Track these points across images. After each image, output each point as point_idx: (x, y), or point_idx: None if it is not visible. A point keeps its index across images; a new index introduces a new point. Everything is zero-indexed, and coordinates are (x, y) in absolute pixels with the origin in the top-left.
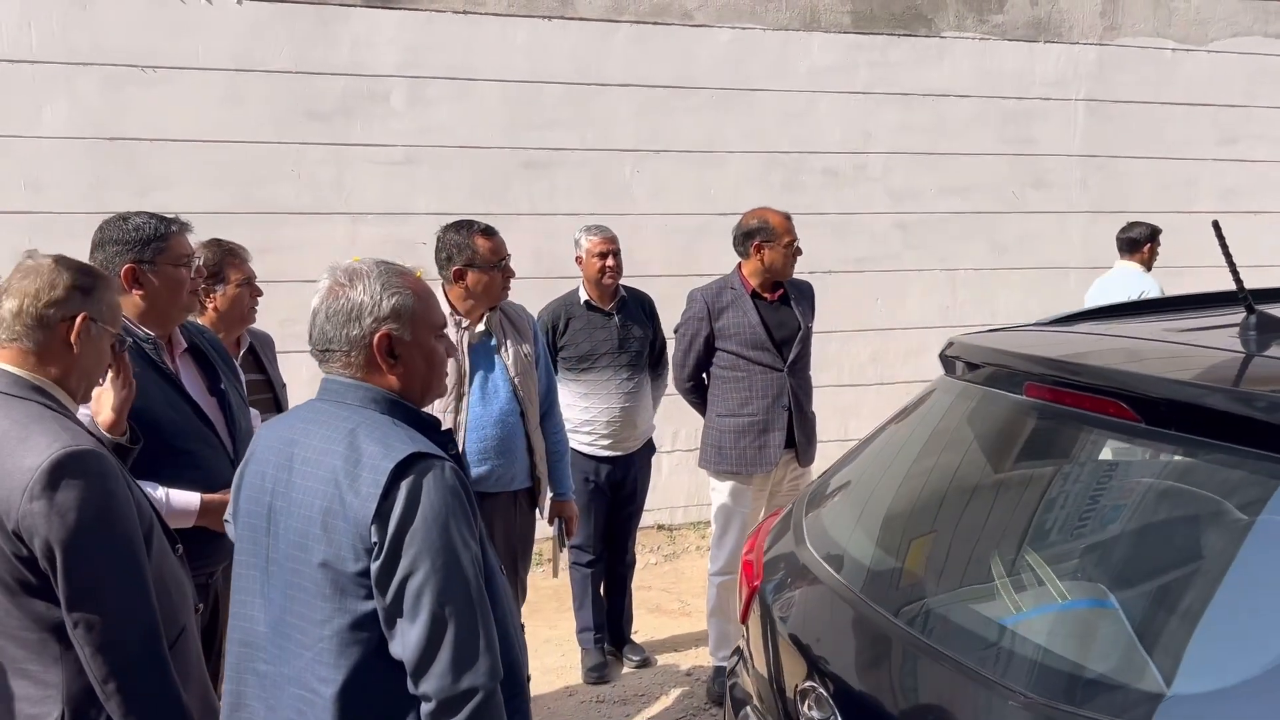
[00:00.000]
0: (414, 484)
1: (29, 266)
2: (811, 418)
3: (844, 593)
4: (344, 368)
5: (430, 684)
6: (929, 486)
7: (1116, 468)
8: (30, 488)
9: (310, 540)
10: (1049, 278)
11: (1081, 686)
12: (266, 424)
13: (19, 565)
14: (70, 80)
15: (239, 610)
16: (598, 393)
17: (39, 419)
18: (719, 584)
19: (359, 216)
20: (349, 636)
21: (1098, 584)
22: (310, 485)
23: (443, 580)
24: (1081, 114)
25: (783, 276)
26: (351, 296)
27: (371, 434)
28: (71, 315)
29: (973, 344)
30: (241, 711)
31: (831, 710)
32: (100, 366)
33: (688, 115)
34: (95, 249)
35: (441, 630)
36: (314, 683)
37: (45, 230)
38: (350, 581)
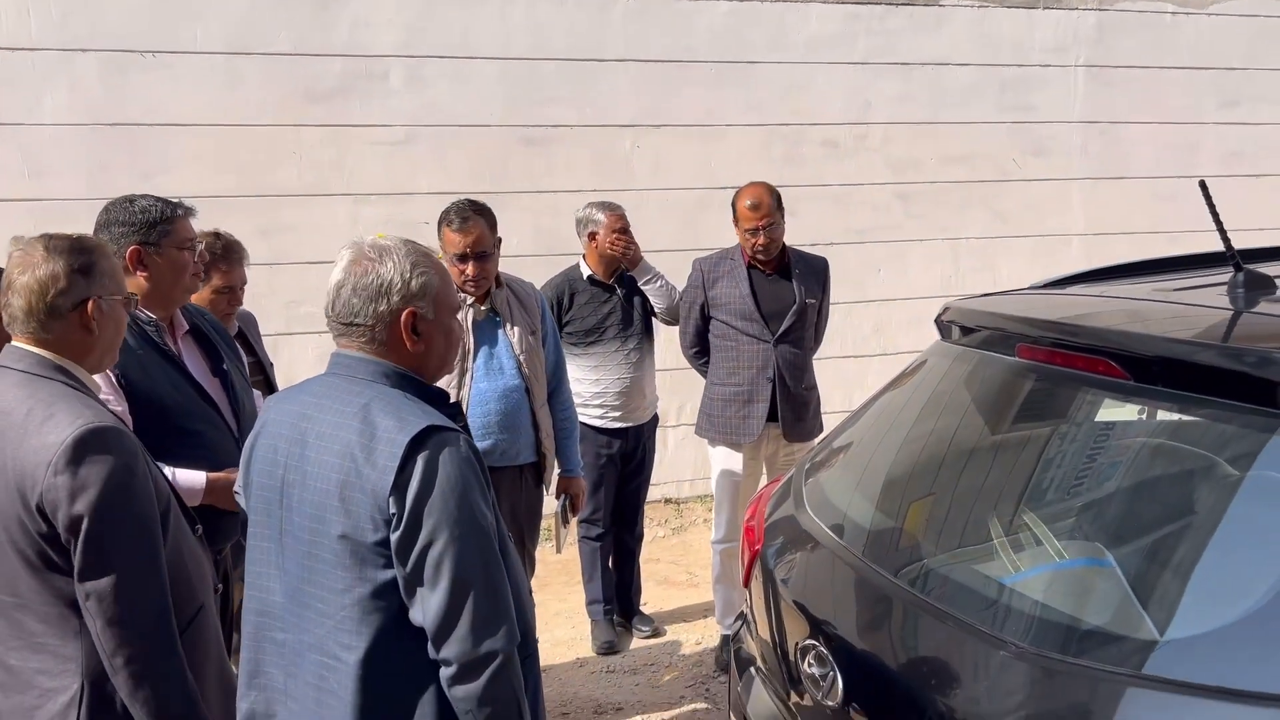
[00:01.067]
0: (430, 456)
1: (24, 259)
2: (805, 395)
3: (844, 555)
4: (367, 343)
5: (451, 649)
6: (927, 450)
7: (1111, 428)
8: (54, 462)
9: (328, 513)
10: (1051, 245)
11: (1078, 638)
12: (275, 398)
13: (40, 541)
14: (70, 66)
15: (255, 581)
16: (606, 365)
17: (63, 397)
18: (721, 551)
19: (361, 197)
20: (370, 605)
21: (1094, 542)
22: (326, 459)
23: (461, 549)
24: (1081, 80)
25: (759, 257)
26: (381, 273)
27: (385, 408)
28: (81, 300)
29: (967, 308)
30: (260, 678)
31: (831, 665)
32: (120, 332)
33: (687, 89)
34: (100, 229)
35: (461, 597)
36: (336, 649)
37: (47, 217)
38: (369, 552)
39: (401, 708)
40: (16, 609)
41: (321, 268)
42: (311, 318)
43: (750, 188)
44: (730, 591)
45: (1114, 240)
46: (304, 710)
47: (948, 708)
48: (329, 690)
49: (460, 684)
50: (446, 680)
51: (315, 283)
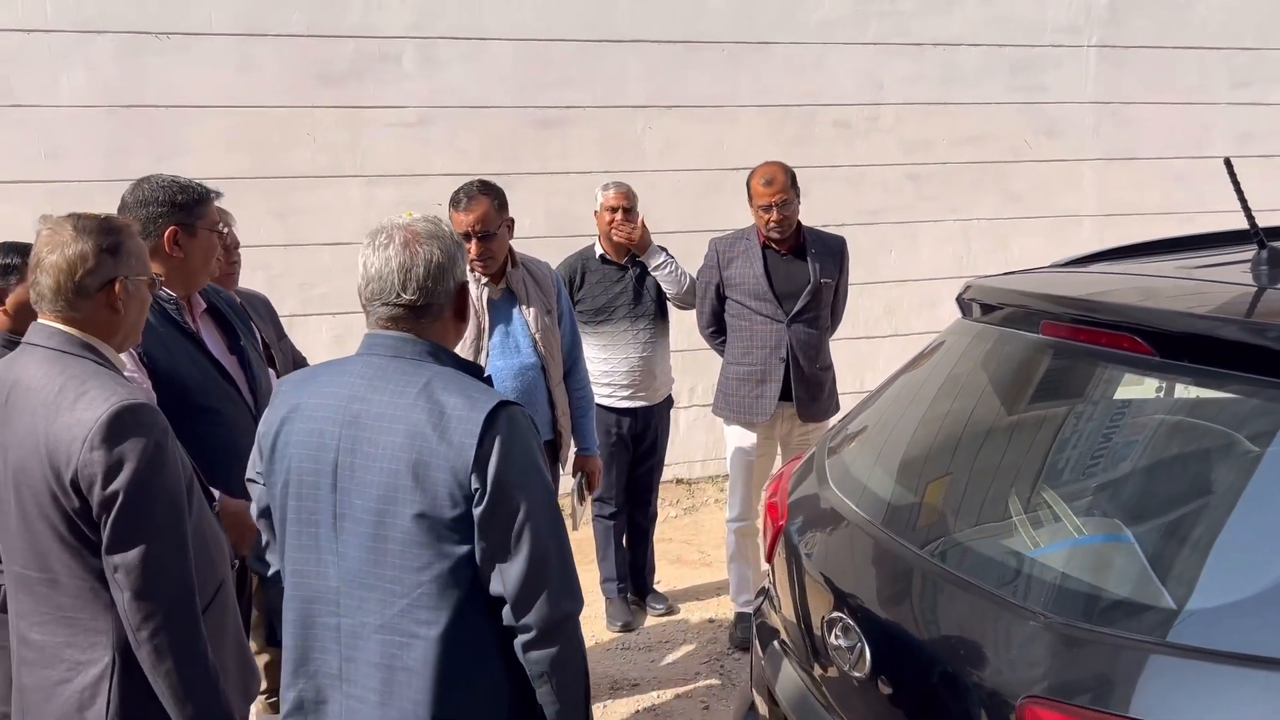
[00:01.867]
0: (505, 430)
1: (52, 238)
2: (819, 375)
3: (868, 528)
4: (433, 322)
5: (533, 615)
6: (948, 427)
7: (1130, 405)
8: (90, 438)
9: (400, 493)
10: (1063, 226)
11: (1102, 608)
12: (294, 381)
13: (73, 516)
14: (86, 48)
15: (299, 568)
16: (616, 344)
17: (94, 375)
18: (735, 530)
19: (374, 179)
20: (449, 579)
21: (1113, 519)
22: (392, 440)
23: (539, 518)
24: (1093, 60)
25: (772, 235)
26: (445, 252)
27: (446, 386)
28: (109, 280)
29: (989, 286)
30: (309, 665)
31: (858, 637)
32: (144, 312)
33: (698, 70)
34: (138, 206)
35: (542, 564)
36: (412, 627)
37: (64, 198)
38: (447, 528)
39: (475, 678)
40: (44, 584)
41: (335, 249)
42: (325, 299)
43: (765, 165)
44: (745, 570)
45: (1126, 221)
46: (365, 693)
47: (976, 675)
48: (403, 668)
49: (540, 648)
50: (524, 645)
51: (329, 264)
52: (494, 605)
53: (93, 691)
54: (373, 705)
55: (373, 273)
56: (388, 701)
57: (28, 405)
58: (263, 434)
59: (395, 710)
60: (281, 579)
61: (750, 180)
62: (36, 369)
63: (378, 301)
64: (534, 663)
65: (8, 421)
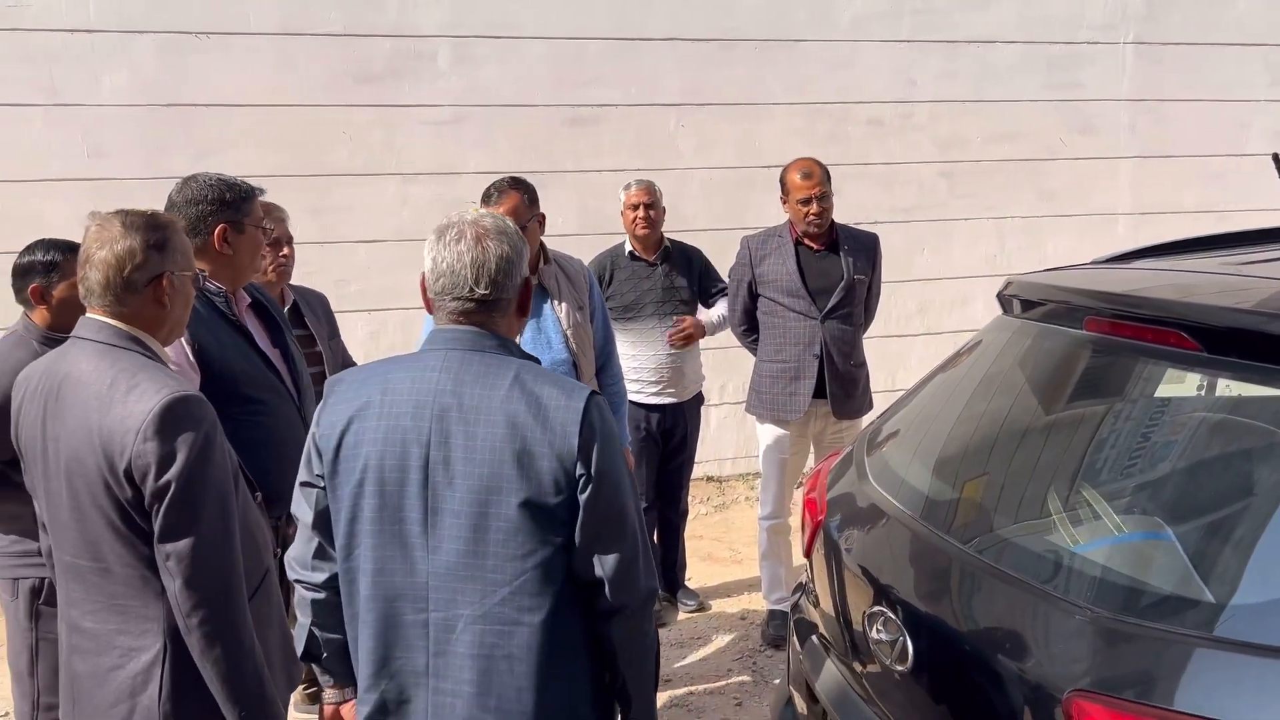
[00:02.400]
0: (599, 418)
1: (101, 234)
2: (853, 372)
3: (909, 524)
4: (503, 316)
5: (628, 594)
6: (988, 424)
7: (1172, 402)
8: (143, 429)
9: (503, 482)
10: (1097, 224)
11: (1145, 603)
12: (356, 381)
13: (126, 506)
14: (128, 48)
15: (382, 567)
16: (644, 341)
17: (144, 367)
18: (768, 528)
19: (410, 177)
20: (550, 566)
21: (1153, 517)
22: (492, 431)
23: (630, 500)
24: (1130, 57)
25: (810, 229)
26: (514, 247)
27: (535, 377)
28: (156, 275)
29: (1031, 282)
30: (390, 665)
31: (900, 631)
32: (188, 307)
33: (731, 68)
34: (186, 205)
35: (636, 544)
36: (515, 614)
37: (107, 196)
38: (549, 515)
39: (568, 663)
40: (96, 572)
41: (370, 246)
42: (361, 295)
43: (801, 160)
44: (777, 568)
45: (1161, 219)
46: (458, 686)
47: (1021, 669)
48: (504, 656)
49: (633, 625)
50: (618, 624)
51: (364, 261)
52: (580, 591)
53: (145, 677)
54: (467, 698)
55: (444, 268)
56: (485, 691)
57: (80, 398)
58: (323, 435)
59: (494, 699)
60: (337, 585)
61: (786, 175)
62: (87, 362)
63: (449, 296)
64: (625, 638)
65: (59, 414)
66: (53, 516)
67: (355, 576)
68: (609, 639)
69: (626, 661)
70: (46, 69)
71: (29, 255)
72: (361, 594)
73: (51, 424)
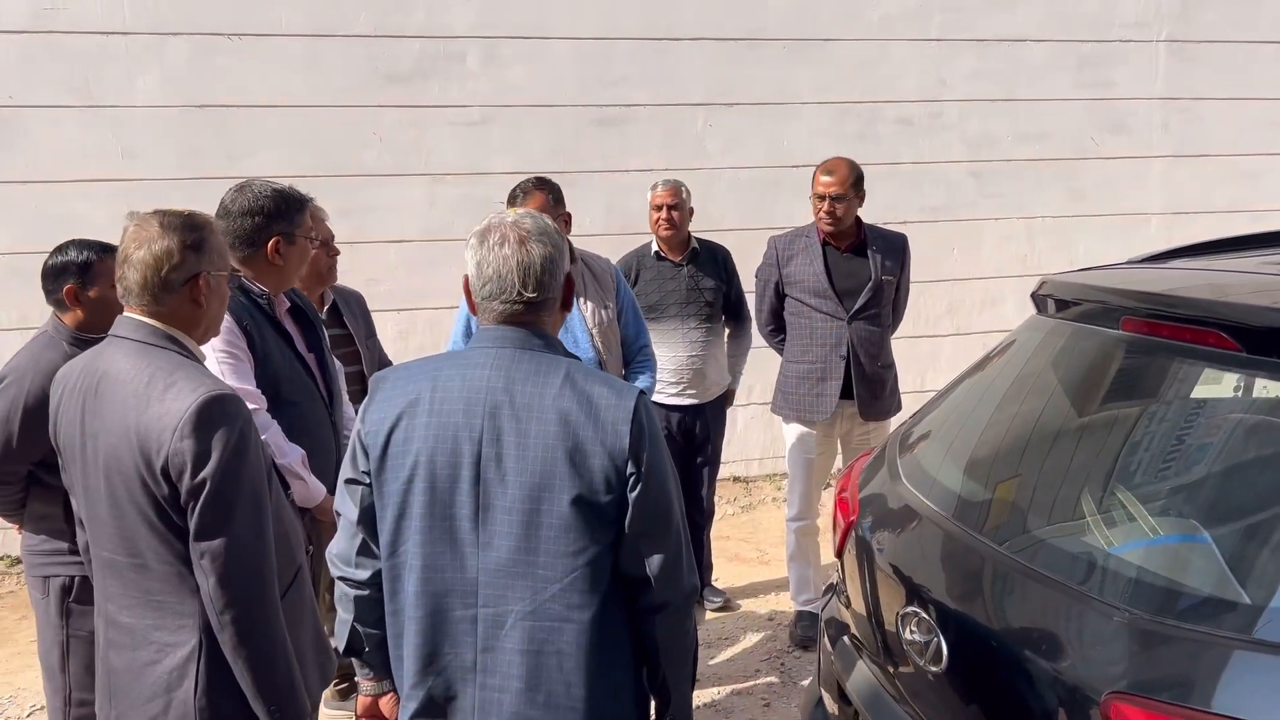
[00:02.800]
0: (647, 417)
1: (139, 234)
2: (881, 373)
3: (943, 524)
4: (549, 314)
5: (673, 591)
6: (1022, 424)
7: (1208, 403)
8: (180, 427)
9: (555, 480)
10: (1129, 224)
11: (1183, 605)
12: (402, 378)
13: (163, 503)
14: (160, 50)
15: (431, 563)
16: (666, 342)
17: (180, 366)
18: (796, 530)
19: (438, 177)
20: (601, 562)
21: (1189, 519)
22: (544, 429)
23: (675, 499)
24: (1163, 55)
25: (825, 227)
26: (556, 246)
27: (585, 375)
28: (193, 275)
29: (1067, 281)
30: (438, 662)
31: (934, 632)
32: (224, 306)
33: (759, 67)
34: (242, 215)
35: (680, 542)
36: (564, 610)
37: (139, 196)
38: (599, 512)
39: (615, 659)
40: (133, 569)
41: (399, 246)
42: (390, 295)
43: (834, 159)
44: (806, 569)
45: (1194, 219)
46: (506, 681)
47: (1057, 670)
48: (554, 652)
49: (676, 621)
50: (663, 620)
51: (393, 261)
52: (624, 589)
53: (180, 673)
54: (515, 693)
55: (490, 273)
56: (534, 686)
57: (117, 396)
58: (370, 431)
59: (543, 694)
60: (379, 581)
61: (815, 170)
62: (124, 361)
63: (496, 300)
64: (668, 635)
65: (98, 412)
66: (91, 513)
67: (401, 572)
68: (651, 636)
69: (668, 658)
70: (81, 71)
71: (61, 256)
72: (408, 589)
73: (90, 421)
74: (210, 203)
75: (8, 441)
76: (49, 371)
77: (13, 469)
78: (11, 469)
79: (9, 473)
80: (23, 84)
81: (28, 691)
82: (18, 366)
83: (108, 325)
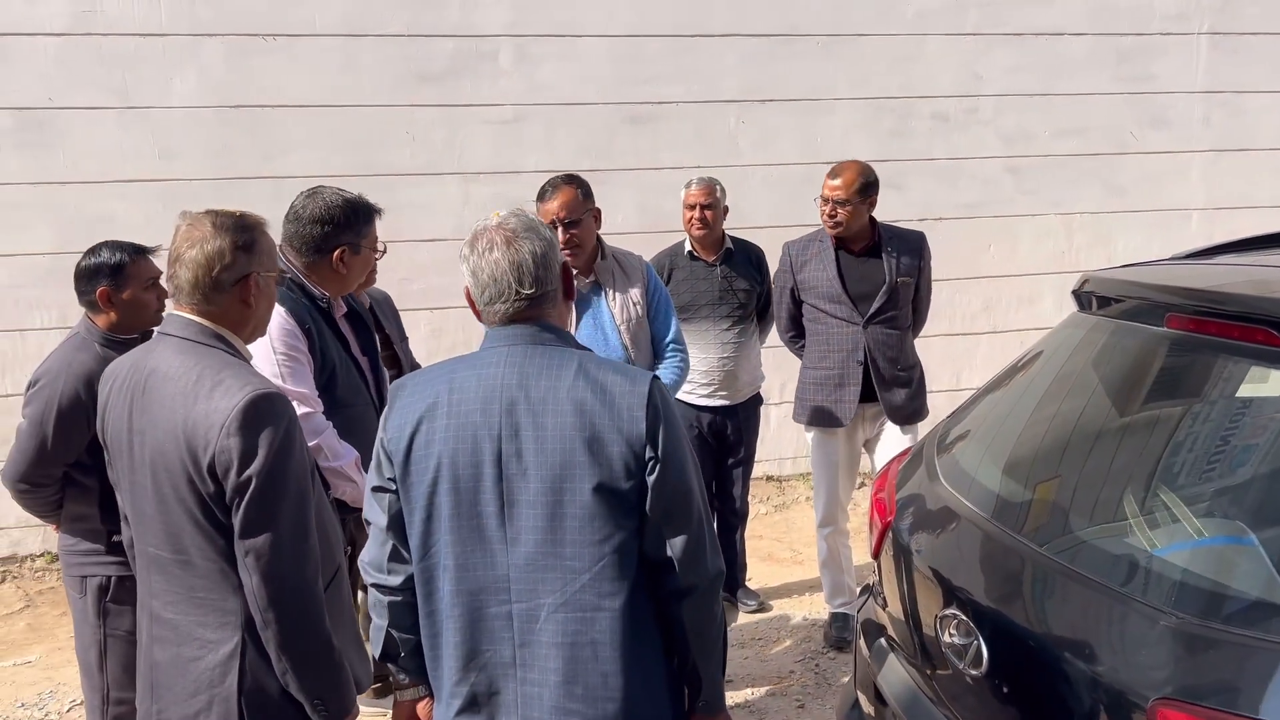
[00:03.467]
0: (662, 401)
1: (191, 234)
2: (901, 376)
3: (983, 525)
4: (552, 307)
5: (698, 574)
6: (1063, 423)
7: (1254, 402)
8: (228, 425)
9: (575, 469)
10: (1170, 220)
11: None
12: (419, 383)
13: (208, 500)
14: (197, 51)
15: (463, 562)
16: (697, 343)
17: (228, 365)
18: (824, 536)
19: (471, 176)
20: (627, 548)
21: (1235, 521)
22: (561, 420)
23: (695, 483)
24: (1204, 48)
25: (830, 231)
26: (545, 239)
27: (598, 365)
28: (243, 276)
29: (1110, 278)
30: (480, 658)
31: (974, 635)
32: (272, 306)
33: (792, 63)
34: (312, 223)
35: (702, 525)
36: (595, 600)
37: (176, 197)
38: (622, 499)
39: (645, 638)
40: (178, 565)
41: (433, 245)
42: (424, 294)
43: (843, 162)
44: (838, 574)
45: (1236, 214)
46: (544, 675)
47: (1102, 675)
48: (590, 643)
49: (704, 605)
50: (690, 605)
51: (426, 260)
52: (650, 572)
53: (224, 670)
54: (553, 686)
55: (485, 279)
56: (572, 679)
57: (165, 393)
58: (391, 439)
59: (581, 687)
60: (412, 586)
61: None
62: (173, 358)
63: (497, 303)
64: (696, 619)
65: (146, 408)
66: (137, 509)
67: (434, 574)
68: (679, 621)
69: (698, 643)
70: (119, 72)
71: (94, 258)
72: (444, 590)
73: (138, 418)
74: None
75: (43, 444)
76: (82, 374)
77: (49, 471)
78: (47, 471)
79: (45, 475)
80: (62, 86)
81: (67, 687)
82: (50, 369)
83: (140, 327)
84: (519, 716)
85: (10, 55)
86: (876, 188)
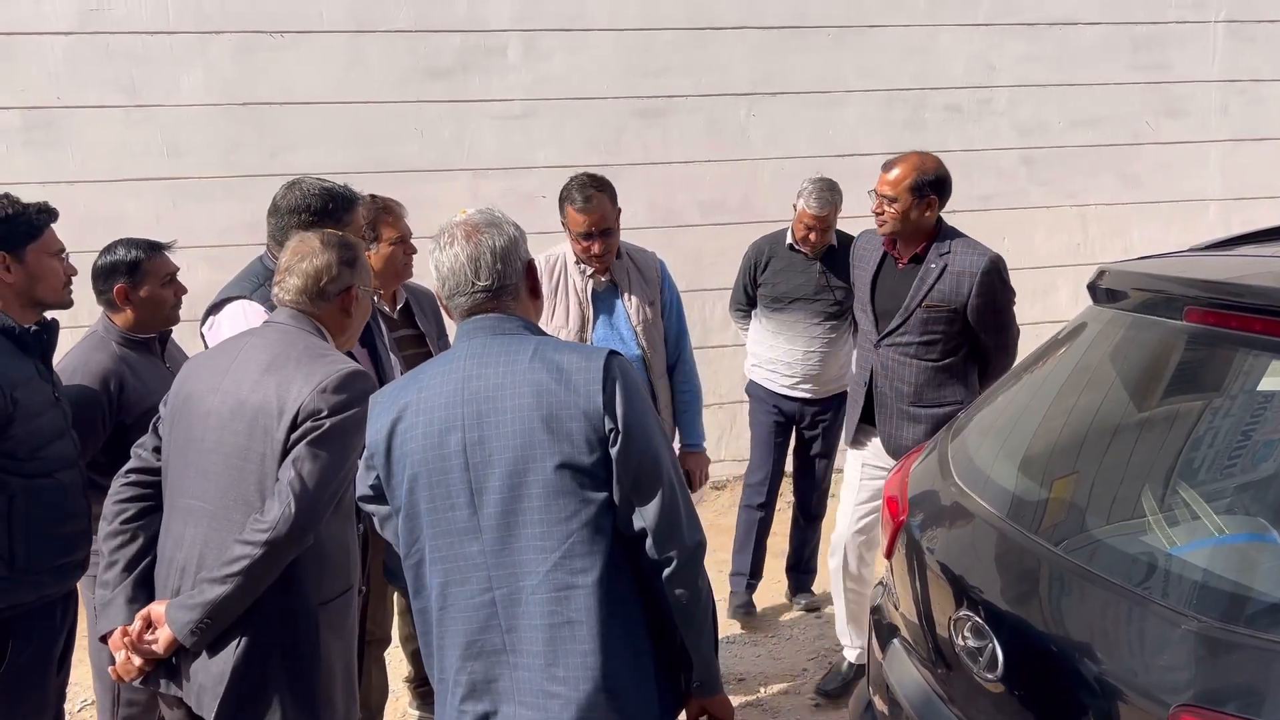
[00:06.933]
0: (623, 374)
1: (300, 249)
2: (908, 411)
3: (997, 524)
4: (514, 301)
5: (674, 545)
6: (1080, 419)
7: (1275, 396)
8: (326, 384)
9: (535, 449)
10: (1186, 211)
11: (1253, 611)
12: (393, 390)
13: (278, 444)
14: (204, 48)
15: (443, 554)
16: (786, 334)
17: (329, 349)
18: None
19: (480, 172)
20: (596, 523)
21: (1257, 518)
22: (518, 403)
23: (664, 452)
24: (1221, 36)
25: (883, 231)
26: (506, 235)
27: (556, 348)
28: (346, 288)
29: (1127, 270)
30: (474, 646)
31: (989, 637)
32: (364, 320)
33: (804, 55)
34: (290, 213)
35: (674, 495)
36: (569, 577)
37: (185, 194)
38: (586, 474)
39: (624, 622)
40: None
41: None
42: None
43: (904, 154)
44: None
45: (1254, 205)
46: (531, 659)
47: (1123, 680)
48: (568, 620)
49: (683, 576)
50: (669, 577)
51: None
52: (629, 549)
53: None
54: (538, 670)
55: (445, 271)
56: (553, 661)
57: (262, 357)
58: (372, 444)
59: (562, 668)
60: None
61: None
62: (277, 336)
63: (457, 295)
64: (679, 590)
65: (230, 370)
66: (183, 461)
67: (422, 570)
68: (663, 598)
69: (683, 620)
70: (127, 70)
71: (110, 256)
72: (431, 585)
73: (218, 379)
74: (253, 199)
75: None
76: (98, 373)
77: None
78: None
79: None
80: (70, 85)
81: (79, 686)
82: (67, 368)
83: (158, 326)
84: (515, 702)
85: (18, 54)
86: (939, 188)
